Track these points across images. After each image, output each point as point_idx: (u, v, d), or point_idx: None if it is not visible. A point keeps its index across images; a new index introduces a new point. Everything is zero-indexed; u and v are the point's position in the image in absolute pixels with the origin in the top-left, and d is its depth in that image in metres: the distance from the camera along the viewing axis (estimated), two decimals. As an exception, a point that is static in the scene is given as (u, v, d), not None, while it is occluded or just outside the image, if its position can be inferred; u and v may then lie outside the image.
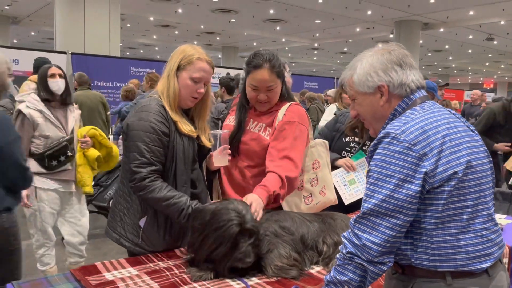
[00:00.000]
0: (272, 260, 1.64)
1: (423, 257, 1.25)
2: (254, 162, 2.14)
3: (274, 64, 2.05)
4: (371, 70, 1.33)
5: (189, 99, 1.94)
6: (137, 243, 1.90)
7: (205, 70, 1.93)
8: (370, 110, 1.37)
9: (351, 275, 1.25)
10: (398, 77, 1.31)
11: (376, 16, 14.12)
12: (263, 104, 2.14)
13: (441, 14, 13.67)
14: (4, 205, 2.18)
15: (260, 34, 17.80)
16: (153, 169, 1.81)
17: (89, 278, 1.58)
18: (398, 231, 1.21)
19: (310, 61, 26.76)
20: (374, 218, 1.22)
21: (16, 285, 1.53)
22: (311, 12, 13.80)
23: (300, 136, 2.11)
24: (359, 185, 2.74)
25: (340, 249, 1.30)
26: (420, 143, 1.21)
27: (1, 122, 2.11)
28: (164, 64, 1.98)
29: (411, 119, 1.26)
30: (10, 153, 2.12)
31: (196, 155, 2.01)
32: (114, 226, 1.96)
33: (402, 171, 1.20)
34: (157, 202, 1.81)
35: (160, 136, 1.83)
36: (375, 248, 1.21)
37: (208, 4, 13.29)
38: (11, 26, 16.30)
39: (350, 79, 1.38)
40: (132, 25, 16.74)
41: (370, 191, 1.24)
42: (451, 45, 19.46)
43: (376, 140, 1.28)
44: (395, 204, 1.20)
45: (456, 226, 1.22)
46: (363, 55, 1.38)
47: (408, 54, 1.36)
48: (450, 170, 1.20)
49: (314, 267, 1.77)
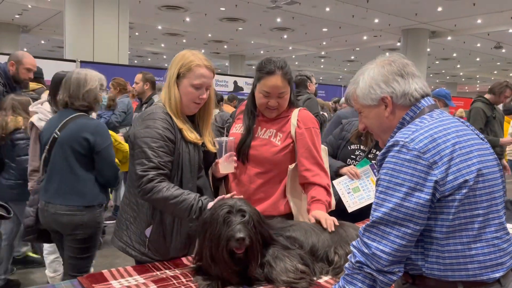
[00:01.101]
0: (278, 275, 1.62)
1: (434, 267, 1.23)
2: (264, 169, 2.14)
3: (286, 71, 2.09)
4: (372, 82, 1.34)
5: (192, 105, 1.95)
6: (144, 252, 1.89)
7: (205, 75, 1.92)
8: (376, 122, 1.38)
9: (360, 285, 1.24)
10: (400, 88, 1.32)
11: (383, 24, 14.15)
12: (272, 111, 2.15)
13: (449, 22, 13.66)
14: (99, 201, 2.56)
15: (267, 42, 17.89)
16: (160, 172, 1.80)
17: (96, 286, 1.58)
18: (408, 240, 1.20)
19: (317, 69, 26.81)
20: (384, 227, 1.21)
21: (24, 292, 1.53)
22: (318, 21, 13.86)
23: (317, 140, 2.19)
24: (363, 192, 2.73)
25: (349, 258, 1.29)
26: (430, 151, 1.20)
27: (101, 129, 2.54)
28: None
29: (420, 127, 1.25)
30: (107, 155, 2.53)
31: (202, 163, 2.01)
32: (120, 235, 1.96)
33: (412, 179, 1.19)
34: (165, 202, 1.77)
35: (167, 142, 1.83)
36: (384, 257, 1.20)
37: (216, 13, 13.40)
38: (22, 34, 16.54)
39: (354, 93, 1.40)
40: (140, 34, 16.92)
41: (380, 200, 1.23)
42: (459, 53, 19.41)
43: (385, 148, 1.28)
44: (405, 213, 1.19)
45: (467, 235, 1.21)
46: (365, 68, 1.39)
47: (409, 63, 1.36)
48: (461, 178, 1.19)
49: (322, 276, 1.75)
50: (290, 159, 2.16)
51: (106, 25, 9.55)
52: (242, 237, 1.53)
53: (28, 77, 3.82)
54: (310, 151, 2.13)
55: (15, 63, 3.77)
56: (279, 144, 2.13)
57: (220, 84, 10.85)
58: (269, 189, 2.15)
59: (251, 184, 2.15)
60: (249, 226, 1.57)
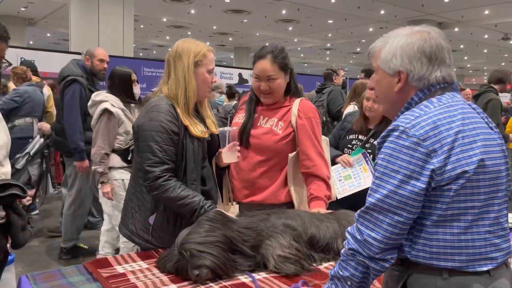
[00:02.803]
0: (273, 250, 1.64)
1: (420, 254, 1.22)
2: (266, 157, 2.17)
3: (276, 55, 2.12)
4: (398, 52, 1.27)
5: (207, 90, 2.01)
6: (148, 240, 1.93)
7: (214, 59, 2.01)
8: (384, 90, 1.33)
9: (352, 271, 1.24)
10: (421, 70, 1.25)
11: (389, 16, 14.02)
12: (266, 96, 2.18)
13: (456, 13, 13.50)
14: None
15: (273, 34, 17.80)
16: (165, 168, 1.83)
17: (101, 270, 1.62)
18: (401, 228, 1.18)
19: (323, 62, 26.65)
20: (377, 214, 1.20)
21: (31, 277, 1.57)
22: (323, 12, 13.76)
23: (318, 130, 2.22)
24: (354, 180, 2.81)
25: (344, 244, 1.30)
26: (430, 138, 1.16)
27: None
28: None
29: (424, 112, 1.21)
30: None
31: (205, 153, 2.04)
32: (126, 223, 2.00)
33: (408, 167, 1.16)
34: (171, 202, 1.84)
35: (171, 135, 1.86)
36: (376, 244, 1.19)
37: (221, 5, 13.35)
38: (27, 27, 16.57)
39: (379, 52, 1.33)
40: (145, 26, 16.89)
41: (375, 186, 1.22)
42: (466, 44, 19.20)
43: (385, 132, 1.25)
44: (399, 201, 1.17)
45: (459, 226, 1.18)
46: (399, 33, 1.31)
47: (445, 48, 1.27)
48: (459, 169, 1.16)
49: (323, 263, 1.77)
50: (291, 148, 2.19)
51: (111, 17, 9.54)
52: (197, 274, 1.52)
53: (103, 67, 4.05)
54: (312, 140, 2.16)
55: (90, 57, 4.01)
56: (281, 132, 2.16)
57: (225, 76, 10.83)
58: (270, 177, 2.17)
59: (252, 172, 2.18)
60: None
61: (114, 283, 1.51)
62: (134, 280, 1.54)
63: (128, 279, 1.55)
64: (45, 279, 1.55)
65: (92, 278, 1.58)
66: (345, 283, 1.26)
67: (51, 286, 1.50)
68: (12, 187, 1.62)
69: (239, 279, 1.59)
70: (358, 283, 1.25)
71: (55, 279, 1.56)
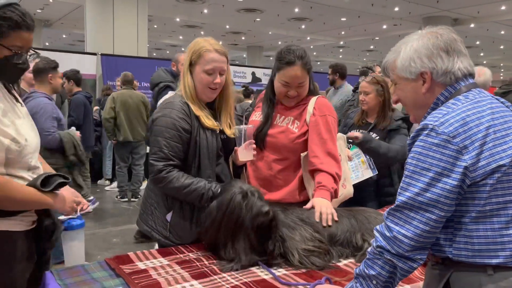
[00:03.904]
0: (296, 244, 1.65)
1: (462, 252, 1.20)
2: (282, 156, 2.17)
3: (306, 61, 2.09)
4: (415, 55, 1.26)
5: (208, 91, 1.96)
6: (166, 236, 1.95)
7: (215, 60, 1.93)
8: (411, 97, 1.31)
9: (379, 270, 1.22)
10: (443, 65, 1.24)
11: (403, 12, 13.88)
12: (291, 100, 2.17)
13: (472, 9, 13.30)
14: None
15: (285, 33, 17.76)
16: (169, 163, 1.86)
17: (123, 266, 1.65)
18: (432, 226, 1.17)
19: (336, 59, 26.49)
20: (408, 211, 1.18)
21: (55, 272, 1.61)
22: (336, 10, 13.68)
23: (333, 128, 2.17)
24: (352, 173, 2.87)
25: (371, 242, 1.28)
26: (460, 135, 1.15)
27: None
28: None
29: (452, 109, 1.20)
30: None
31: (221, 150, 2.04)
32: (146, 219, 2.03)
33: (439, 164, 1.15)
34: (177, 192, 1.86)
35: (180, 132, 1.88)
36: (406, 241, 1.17)
37: (234, 4, 13.37)
38: (43, 29, 16.84)
39: (393, 62, 1.33)
40: (159, 26, 17.01)
41: (405, 184, 1.20)
42: (482, 41, 18.91)
43: (415, 132, 1.24)
44: (430, 198, 1.15)
45: (499, 221, 1.16)
46: (409, 38, 1.31)
47: (458, 39, 1.27)
48: (494, 164, 1.14)
49: (341, 260, 1.78)
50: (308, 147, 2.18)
51: (125, 18, 9.66)
52: (268, 210, 1.65)
53: None
54: (321, 138, 2.11)
55: (175, 63, 4.36)
56: (297, 131, 2.16)
57: (238, 75, 10.86)
58: (286, 176, 2.18)
59: (269, 171, 2.18)
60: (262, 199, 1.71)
61: (137, 279, 1.53)
62: (156, 276, 1.57)
63: (150, 275, 1.57)
64: (69, 275, 1.58)
65: (115, 273, 1.61)
66: (370, 282, 1.24)
67: (75, 282, 1.53)
68: (55, 177, 1.58)
69: (259, 275, 1.60)
70: (383, 283, 1.23)
71: (79, 275, 1.59)
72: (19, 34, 1.48)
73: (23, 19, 1.47)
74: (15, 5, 1.47)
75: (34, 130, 1.64)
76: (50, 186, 1.53)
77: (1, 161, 1.45)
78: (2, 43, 1.45)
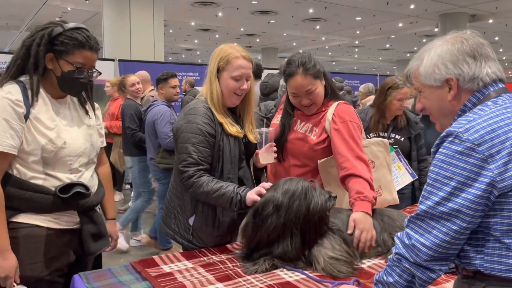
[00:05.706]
0: (324, 252, 1.66)
1: (495, 266, 1.14)
2: (301, 162, 2.17)
3: (307, 67, 2.05)
4: (439, 61, 1.21)
5: (234, 97, 1.99)
6: (189, 240, 1.98)
7: (243, 66, 1.96)
8: (437, 104, 1.26)
9: (397, 278, 1.20)
10: (470, 70, 1.18)
11: (419, 10, 13.71)
12: (308, 108, 2.16)
13: (490, 4, 13.06)
14: None
15: (300, 34, 17.74)
16: (200, 168, 1.88)
17: (149, 270, 1.67)
18: (453, 237, 1.12)
19: (351, 59, 26.33)
20: (429, 220, 1.15)
21: (83, 276, 1.64)
22: (351, 10, 13.61)
23: (356, 132, 2.10)
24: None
25: (392, 249, 1.26)
26: (486, 143, 1.09)
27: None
28: (206, 67, 2.04)
29: (479, 116, 1.14)
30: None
31: (242, 154, 2.06)
32: (169, 222, 2.06)
33: (462, 173, 1.10)
34: (207, 196, 1.87)
35: (207, 137, 1.90)
36: (424, 250, 1.14)
37: (248, 6, 13.42)
38: (62, 36, 17.19)
39: (416, 70, 1.27)
40: (174, 31, 17.20)
41: (427, 193, 1.17)
42: (501, 36, 18.53)
43: (439, 139, 1.18)
44: (451, 208, 1.11)
45: None
46: (433, 44, 1.26)
47: (485, 43, 1.21)
48: None
49: (364, 261, 1.77)
50: (327, 154, 2.14)
51: (142, 24, 9.80)
52: (335, 195, 1.78)
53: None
54: (347, 143, 2.04)
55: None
56: (315, 139, 2.14)
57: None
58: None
59: (288, 176, 2.18)
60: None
61: (163, 282, 1.55)
62: (181, 279, 1.59)
63: (175, 278, 1.60)
64: (97, 278, 1.62)
65: (141, 277, 1.64)
66: None
67: (103, 285, 1.57)
68: (75, 186, 1.67)
69: (283, 277, 1.61)
70: None
71: (106, 278, 1.62)
72: (82, 53, 1.67)
73: (87, 40, 1.67)
74: (83, 29, 1.71)
75: (87, 138, 1.78)
76: (67, 193, 1.65)
77: (38, 158, 1.63)
78: (66, 59, 1.66)
